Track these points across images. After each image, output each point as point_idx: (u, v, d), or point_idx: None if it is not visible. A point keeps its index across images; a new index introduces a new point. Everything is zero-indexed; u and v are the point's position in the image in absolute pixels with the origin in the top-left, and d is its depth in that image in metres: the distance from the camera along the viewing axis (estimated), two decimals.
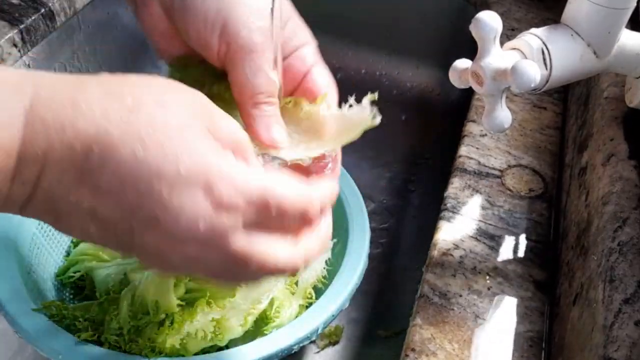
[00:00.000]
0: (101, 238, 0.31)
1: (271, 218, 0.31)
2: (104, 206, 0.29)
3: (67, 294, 0.59)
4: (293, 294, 0.55)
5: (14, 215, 0.54)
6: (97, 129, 0.29)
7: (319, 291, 0.56)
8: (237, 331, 0.49)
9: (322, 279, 0.56)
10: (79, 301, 0.57)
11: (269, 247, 0.32)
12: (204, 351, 0.50)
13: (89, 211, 0.30)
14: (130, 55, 0.92)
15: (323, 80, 0.40)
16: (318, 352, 0.64)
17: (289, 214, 0.32)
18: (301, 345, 0.47)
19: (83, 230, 0.31)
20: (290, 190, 0.32)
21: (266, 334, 0.49)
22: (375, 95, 0.38)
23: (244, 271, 0.32)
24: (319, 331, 0.48)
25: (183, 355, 0.48)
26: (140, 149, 0.29)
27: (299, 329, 0.47)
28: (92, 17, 0.81)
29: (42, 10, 0.70)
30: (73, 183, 0.29)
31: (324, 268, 0.56)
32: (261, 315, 0.52)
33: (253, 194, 0.31)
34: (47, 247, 0.58)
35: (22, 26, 0.67)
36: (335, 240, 0.58)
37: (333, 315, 0.49)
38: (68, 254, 0.60)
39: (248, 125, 0.37)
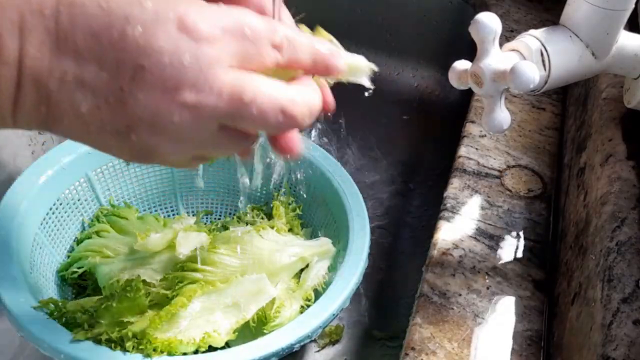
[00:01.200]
0: (95, 119, 0.30)
1: (250, 47, 0.31)
2: (88, 71, 0.29)
3: (69, 294, 0.59)
4: (294, 291, 0.56)
5: (16, 215, 0.54)
6: None
7: (319, 292, 0.56)
8: (219, 342, 0.50)
9: (323, 285, 0.56)
10: None
11: (258, 79, 0.31)
12: (205, 350, 0.51)
13: (76, 82, 0.29)
14: None
15: None
16: (318, 350, 0.64)
17: (263, 37, 0.31)
18: (302, 344, 0.47)
19: (76, 112, 0.29)
20: (259, 19, 0.31)
21: (266, 334, 0.50)
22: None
23: (240, 109, 0.31)
24: (320, 330, 0.48)
25: (174, 353, 0.48)
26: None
27: (300, 327, 0.48)
28: None
29: None
30: (54, 54, 0.29)
31: (325, 274, 0.57)
32: (261, 316, 0.53)
33: (227, 23, 0.30)
34: (49, 247, 0.58)
35: None
36: (335, 240, 0.59)
37: (334, 315, 0.49)
38: (69, 256, 0.60)
39: None
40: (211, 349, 0.49)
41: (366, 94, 0.39)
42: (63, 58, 0.29)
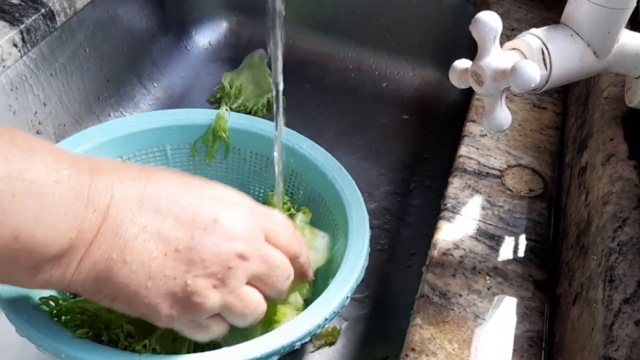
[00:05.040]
0: (160, 266, 0.37)
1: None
2: (166, 225, 0.37)
3: (69, 293, 0.59)
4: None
5: None
6: (147, 172, 0.39)
7: (319, 290, 0.56)
8: None
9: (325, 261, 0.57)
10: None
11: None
12: (204, 349, 0.50)
13: (153, 233, 0.36)
14: (130, 55, 0.92)
15: None
16: (313, 351, 0.64)
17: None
18: (303, 341, 0.47)
19: (145, 257, 0.36)
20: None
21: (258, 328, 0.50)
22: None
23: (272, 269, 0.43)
24: (321, 328, 0.48)
25: (178, 351, 0.48)
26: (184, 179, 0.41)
27: (301, 325, 0.47)
28: (92, 17, 0.81)
29: (42, 10, 0.70)
30: (136, 209, 0.36)
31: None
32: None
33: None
34: None
35: (22, 26, 0.67)
36: (335, 240, 0.58)
37: (334, 312, 0.49)
38: None
39: None
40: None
41: None
42: (144, 213, 0.37)
